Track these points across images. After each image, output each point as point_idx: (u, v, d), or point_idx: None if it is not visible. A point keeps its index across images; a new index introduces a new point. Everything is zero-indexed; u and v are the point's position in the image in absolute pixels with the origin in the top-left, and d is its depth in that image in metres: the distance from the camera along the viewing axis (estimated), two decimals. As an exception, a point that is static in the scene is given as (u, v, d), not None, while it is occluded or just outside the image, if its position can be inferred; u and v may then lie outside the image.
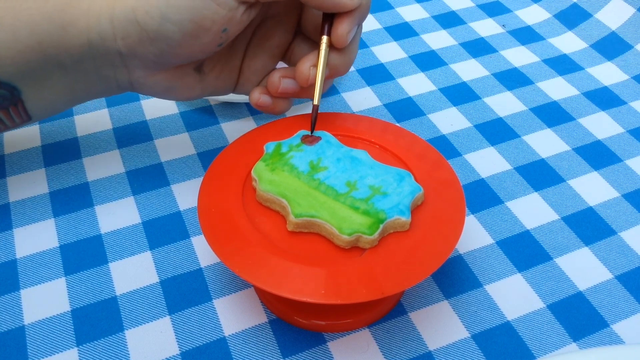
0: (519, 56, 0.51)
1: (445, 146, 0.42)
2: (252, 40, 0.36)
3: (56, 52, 0.32)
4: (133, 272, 0.34)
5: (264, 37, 0.36)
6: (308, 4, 0.32)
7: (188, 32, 0.30)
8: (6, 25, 0.31)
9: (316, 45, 0.36)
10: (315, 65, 0.34)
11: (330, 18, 0.33)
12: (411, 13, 0.56)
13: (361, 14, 0.33)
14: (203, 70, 0.35)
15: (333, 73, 0.35)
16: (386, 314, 0.32)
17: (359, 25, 0.34)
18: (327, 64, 0.34)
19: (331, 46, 0.34)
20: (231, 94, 0.40)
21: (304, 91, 0.36)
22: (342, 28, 0.33)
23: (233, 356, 0.31)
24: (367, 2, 0.33)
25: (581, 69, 0.49)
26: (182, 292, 0.33)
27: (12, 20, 0.31)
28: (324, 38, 0.34)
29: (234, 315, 0.32)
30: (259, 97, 0.36)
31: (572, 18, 0.54)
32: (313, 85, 0.34)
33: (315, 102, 0.34)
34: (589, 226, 0.37)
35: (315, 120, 0.34)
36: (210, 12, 0.30)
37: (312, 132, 0.34)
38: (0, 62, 0.31)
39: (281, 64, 0.39)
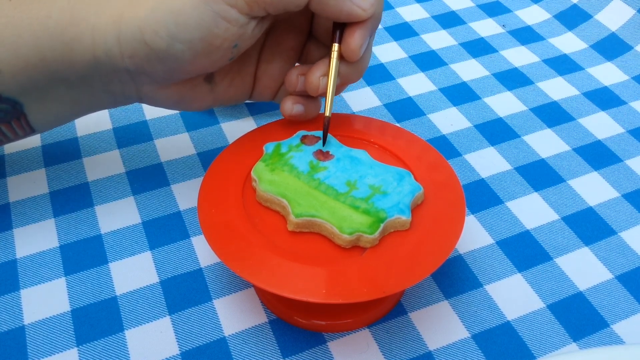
0: (519, 56, 0.51)
1: (445, 146, 0.42)
2: (265, 45, 0.35)
3: (60, 68, 0.30)
4: (133, 272, 0.34)
5: (276, 42, 0.35)
6: (319, 14, 0.31)
7: (198, 50, 0.29)
8: (7, 41, 0.29)
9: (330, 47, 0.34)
10: (326, 75, 0.32)
11: (342, 25, 0.32)
12: (411, 13, 0.56)
13: (374, 23, 0.32)
14: (214, 80, 0.34)
15: (344, 82, 0.33)
16: (386, 314, 0.32)
17: (372, 35, 0.32)
18: (338, 72, 0.32)
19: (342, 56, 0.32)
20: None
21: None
22: (355, 42, 0.31)
23: (233, 356, 0.31)
24: (380, 11, 0.32)
25: (581, 69, 0.49)
26: (182, 292, 0.33)
27: (14, 37, 0.29)
28: (335, 46, 0.32)
29: (234, 315, 0.32)
30: (292, 107, 0.34)
31: (572, 19, 0.54)
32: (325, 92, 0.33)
33: (327, 113, 0.32)
34: (589, 226, 0.37)
35: (327, 132, 0.32)
36: (221, 30, 0.29)
37: (323, 145, 0.33)
38: (1, 78, 0.30)
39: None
